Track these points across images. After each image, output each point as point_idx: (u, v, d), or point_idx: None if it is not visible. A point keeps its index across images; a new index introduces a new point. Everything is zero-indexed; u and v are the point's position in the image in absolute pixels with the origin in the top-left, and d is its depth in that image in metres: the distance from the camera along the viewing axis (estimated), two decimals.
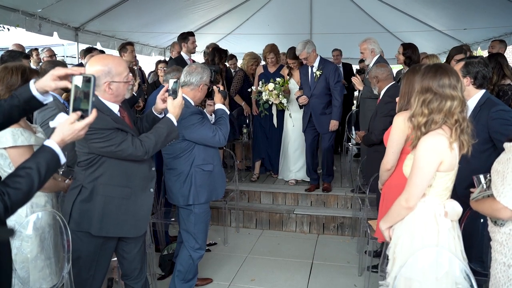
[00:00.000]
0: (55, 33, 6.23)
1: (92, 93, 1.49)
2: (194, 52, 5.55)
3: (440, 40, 8.89)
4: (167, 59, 7.89)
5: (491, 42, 5.96)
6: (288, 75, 5.49)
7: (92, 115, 1.51)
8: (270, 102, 5.39)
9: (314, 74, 4.97)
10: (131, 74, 2.40)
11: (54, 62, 3.57)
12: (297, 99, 5.18)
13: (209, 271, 3.90)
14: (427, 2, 7.56)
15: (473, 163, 2.31)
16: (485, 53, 6.93)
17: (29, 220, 2.34)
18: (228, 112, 3.24)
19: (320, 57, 5.07)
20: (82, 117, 1.49)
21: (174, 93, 2.53)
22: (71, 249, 2.31)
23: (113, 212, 2.37)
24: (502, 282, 1.98)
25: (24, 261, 2.34)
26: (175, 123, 2.49)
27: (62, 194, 2.73)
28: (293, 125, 5.48)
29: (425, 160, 2.03)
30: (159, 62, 5.80)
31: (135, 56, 5.80)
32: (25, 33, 5.87)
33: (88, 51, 5.87)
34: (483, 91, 2.78)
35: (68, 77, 1.61)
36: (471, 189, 2.22)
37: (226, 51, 5.75)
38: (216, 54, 5.37)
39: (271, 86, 5.30)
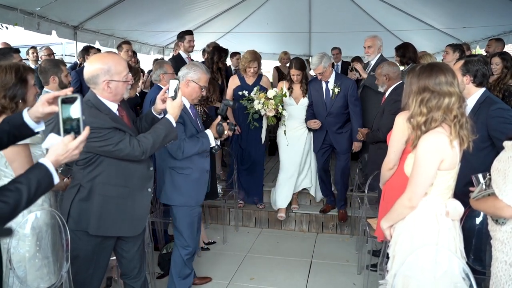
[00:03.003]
0: (54, 32, 6.22)
1: (81, 111, 1.51)
2: (191, 51, 5.52)
3: (438, 38, 8.88)
4: (167, 57, 7.88)
5: (488, 41, 5.97)
6: (288, 88, 4.62)
7: (84, 132, 1.53)
8: (262, 114, 4.48)
9: (331, 92, 4.39)
10: (130, 74, 2.39)
11: (53, 60, 3.56)
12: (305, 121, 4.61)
13: (208, 270, 3.90)
14: (426, 1, 7.55)
15: (471, 161, 2.31)
16: (482, 52, 6.93)
17: (27, 220, 2.33)
18: (175, 124, 2.53)
19: (335, 72, 4.52)
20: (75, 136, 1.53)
21: (174, 94, 2.52)
22: (70, 248, 2.30)
23: (111, 211, 2.37)
24: (503, 281, 1.97)
25: (21, 260, 2.33)
26: (174, 124, 2.49)
27: (61, 193, 2.72)
28: (287, 144, 4.73)
29: (426, 158, 2.03)
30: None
31: (132, 55, 5.75)
32: (24, 32, 5.85)
33: (86, 50, 5.88)
34: (483, 89, 2.78)
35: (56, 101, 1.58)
36: (470, 188, 2.22)
37: (226, 50, 5.71)
38: (216, 53, 5.34)
39: (271, 93, 4.38)
